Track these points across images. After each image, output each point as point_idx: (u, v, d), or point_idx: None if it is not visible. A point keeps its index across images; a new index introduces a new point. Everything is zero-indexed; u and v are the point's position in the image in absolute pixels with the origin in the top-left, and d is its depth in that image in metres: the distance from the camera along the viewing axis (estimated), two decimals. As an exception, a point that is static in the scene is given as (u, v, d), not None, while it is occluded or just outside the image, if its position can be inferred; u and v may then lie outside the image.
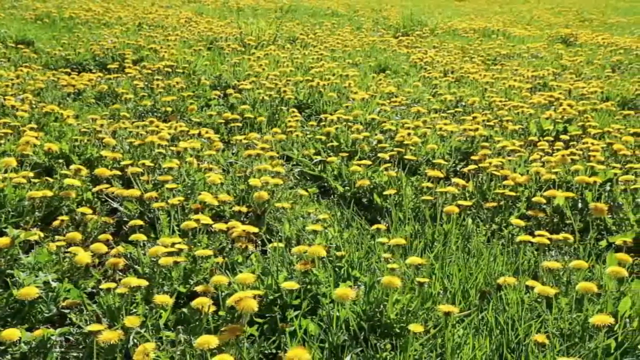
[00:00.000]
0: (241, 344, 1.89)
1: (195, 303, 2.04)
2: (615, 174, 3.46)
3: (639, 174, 3.43)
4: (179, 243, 2.45)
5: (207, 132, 4.26)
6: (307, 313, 2.22)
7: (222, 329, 1.95)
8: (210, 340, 1.78)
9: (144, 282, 2.18)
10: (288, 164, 4.02)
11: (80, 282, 2.38)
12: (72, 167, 3.16)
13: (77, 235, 2.60)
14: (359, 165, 3.57)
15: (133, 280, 2.17)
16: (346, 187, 3.59)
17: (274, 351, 2.07)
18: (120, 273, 2.47)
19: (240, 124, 4.58)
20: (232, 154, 4.07)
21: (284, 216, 3.04)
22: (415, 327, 1.91)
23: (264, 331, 2.16)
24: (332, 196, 3.60)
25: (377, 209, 3.38)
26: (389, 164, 3.58)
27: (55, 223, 2.80)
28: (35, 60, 6.83)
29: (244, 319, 1.96)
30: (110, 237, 2.65)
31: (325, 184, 3.77)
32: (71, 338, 2.10)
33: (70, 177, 3.09)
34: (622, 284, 2.35)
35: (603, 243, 2.97)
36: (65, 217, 2.83)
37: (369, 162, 3.60)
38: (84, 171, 3.18)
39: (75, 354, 2.03)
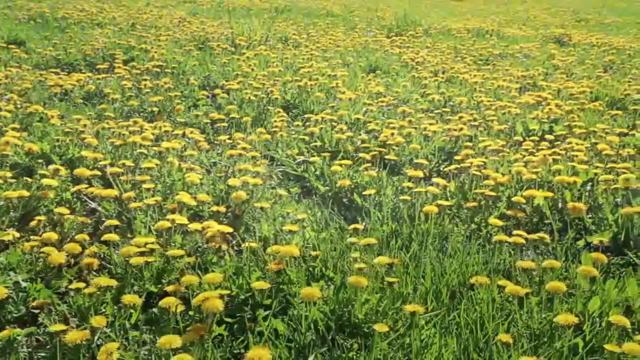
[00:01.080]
0: (206, 343, 1.89)
1: (162, 303, 2.05)
2: (596, 174, 3.46)
3: (620, 174, 3.42)
4: (152, 243, 2.45)
5: (192, 132, 4.27)
6: (278, 313, 2.22)
7: (188, 328, 1.95)
8: (172, 340, 1.79)
9: (113, 282, 2.18)
10: (272, 164, 4.02)
11: (53, 282, 2.38)
12: (51, 167, 3.16)
13: (53, 236, 2.61)
14: (340, 165, 3.57)
15: (102, 280, 2.17)
16: (327, 187, 3.59)
17: (242, 351, 2.07)
18: (95, 273, 2.48)
19: (226, 124, 4.58)
20: (217, 154, 4.07)
21: (262, 216, 3.04)
22: (380, 327, 1.91)
23: (233, 331, 2.16)
24: (313, 196, 3.60)
25: (358, 209, 3.38)
26: (369, 164, 3.59)
27: (33, 223, 2.81)
28: (26, 60, 6.83)
29: (210, 319, 1.96)
30: (87, 237, 2.65)
31: (308, 184, 3.77)
32: (41, 338, 2.11)
33: (48, 177, 3.09)
34: (594, 283, 2.36)
35: (581, 243, 2.97)
36: (42, 217, 2.83)
37: (349, 162, 3.60)
38: (63, 171, 3.18)
39: (43, 354, 2.03)
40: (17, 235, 2.65)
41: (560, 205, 3.28)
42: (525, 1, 21.17)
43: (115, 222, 2.70)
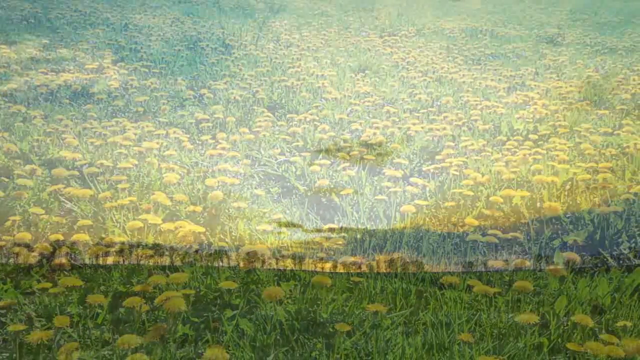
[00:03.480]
0: (167, 342, 1.89)
1: (127, 302, 2.04)
2: (575, 173, 3.45)
3: (599, 172, 3.42)
4: (122, 243, 2.45)
5: (174, 132, 4.26)
6: (246, 312, 2.22)
7: (150, 328, 1.94)
8: (131, 340, 1.78)
9: (79, 282, 2.17)
10: (254, 164, 4.01)
11: (22, 282, 2.38)
12: (27, 167, 3.16)
13: (27, 236, 2.61)
14: (319, 165, 3.56)
15: (69, 280, 2.17)
16: (307, 187, 3.59)
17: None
18: (67, 273, 2.47)
19: (210, 124, 4.58)
20: (200, 154, 4.07)
21: (239, 216, 3.04)
22: (341, 327, 1.91)
23: (199, 330, 2.16)
24: (293, 196, 3.60)
25: (336, 209, 3.37)
26: (347, 164, 3.58)
27: (7, 224, 2.80)
28: (15, 61, 6.82)
29: (171, 318, 1.96)
30: (61, 237, 2.65)
31: (288, 184, 3.76)
32: (5, 338, 2.10)
33: (25, 177, 3.08)
34: (563, 282, 2.36)
35: (556, 242, 2.97)
36: (17, 218, 2.83)
37: (328, 162, 3.60)
38: (40, 171, 3.18)
39: (7, 354, 2.03)
40: (-10, 235, 2.65)
41: (538, 204, 3.28)
42: (522, 1, 21.14)
43: (88, 222, 2.70)
